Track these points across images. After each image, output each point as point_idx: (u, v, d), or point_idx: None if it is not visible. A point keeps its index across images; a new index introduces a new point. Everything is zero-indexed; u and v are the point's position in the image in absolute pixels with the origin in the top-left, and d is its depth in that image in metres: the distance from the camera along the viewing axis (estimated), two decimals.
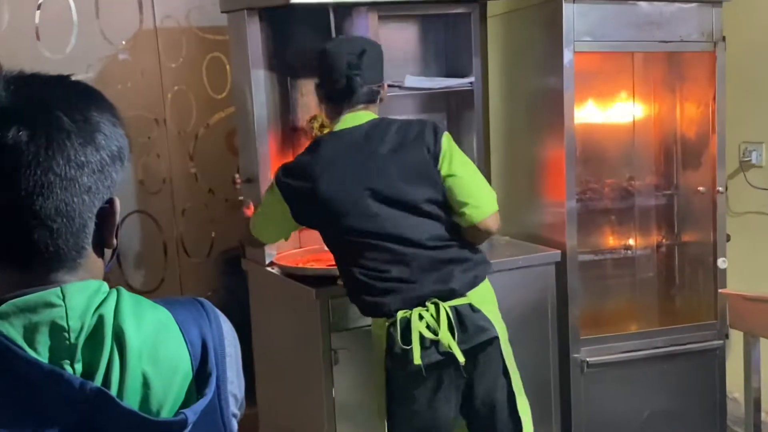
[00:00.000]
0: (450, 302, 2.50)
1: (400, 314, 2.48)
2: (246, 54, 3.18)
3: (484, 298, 2.58)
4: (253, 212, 2.87)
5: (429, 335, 2.45)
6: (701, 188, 3.60)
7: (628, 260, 3.76)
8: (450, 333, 2.46)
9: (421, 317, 2.46)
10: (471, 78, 3.48)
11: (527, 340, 3.18)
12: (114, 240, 1.11)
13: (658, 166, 3.76)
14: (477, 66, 3.49)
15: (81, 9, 3.49)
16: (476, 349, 2.54)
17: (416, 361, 2.43)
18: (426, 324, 2.46)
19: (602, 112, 3.68)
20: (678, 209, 3.75)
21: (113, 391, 1.00)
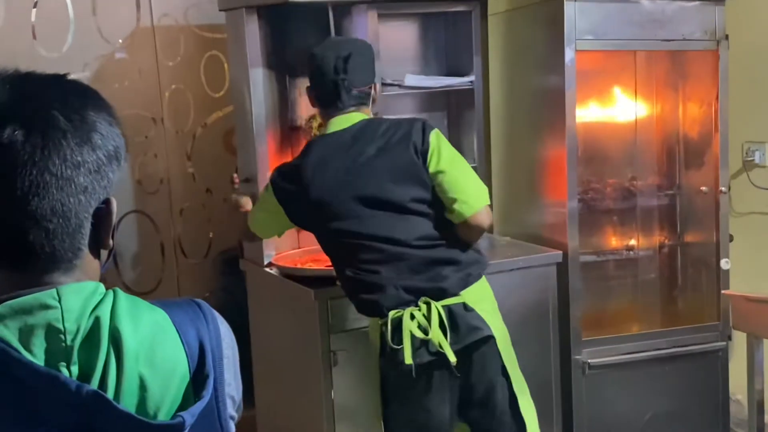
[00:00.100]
0: (443, 302, 2.50)
1: (392, 314, 2.48)
2: (244, 52, 3.18)
3: (479, 298, 2.57)
4: (251, 208, 2.90)
5: (420, 335, 2.45)
6: (704, 188, 3.58)
7: (630, 261, 3.75)
8: (442, 333, 2.46)
9: (413, 317, 2.46)
10: (471, 77, 3.49)
11: (528, 342, 3.17)
12: (110, 241, 1.11)
13: (661, 166, 3.75)
14: (477, 65, 3.50)
15: (77, 7, 3.49)
16: (470, 349, 2.53)
17: (407, 361, 2.43)
18: (417, 324, 2.46)
19: (604, 112, 3.67)
20: (680, 209, 3.74)
21: (110, 394, 0.99)
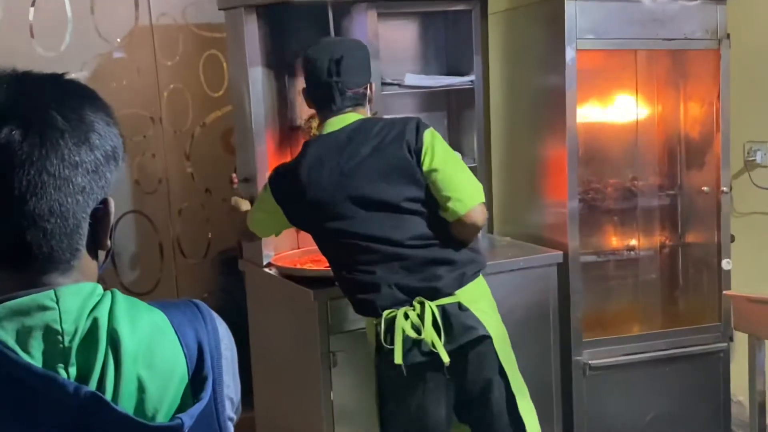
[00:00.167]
0: (437, 301, 2.49)
1: (386, 313, 2.49)
2: (243, 52, 3.17)
3: (475, 297, 2.56)
4: (250, 208, 2.90)
5: (413, 334, 2.45)
6: (705, 188, 3.57)
7: (631, 261, 3.74)
8: (436, 332, 2.46)
9: (407, 316, 2.47)
10: (472, 76, 3.49)
11: (529, 343, 3.17)
12: (108, 241, 1.10)
13: (662, 166, 3.74)
14: (478, 64, 3.50)
15: (76, 6, 3.49)
16: (465, 349, 2.52)
17: (397, 361, 2.43)
18: (411, 323, 2.46)
19: (605, 111, 3.66)
20: (682, 210, 3.73)
21: (108, 396, 0.99)
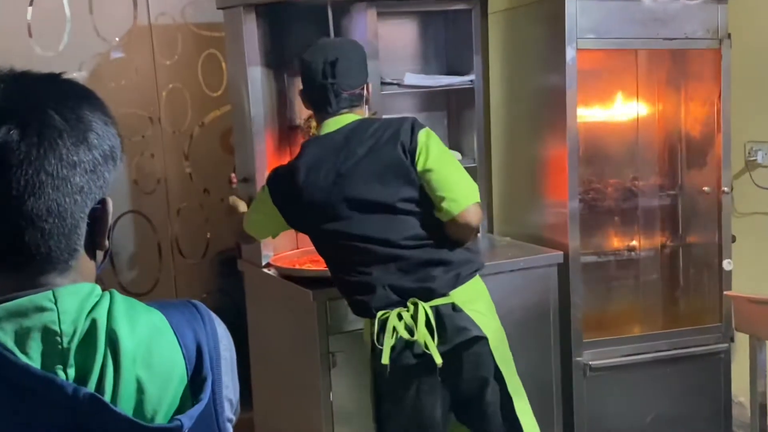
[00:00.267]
0: (431, 302, 2.49)
1: (380, 314, 2.49)
2: (242, 51, 3.16)
3: (471, 298, 2.55)
4: (247, 209, 2.90)
5: (406, 335, 2.45)
6: (706, 188, 3.57)
7: (632, 262, 3.73)
8: (429, 334, 2.45)
9: (401, 317, 2.47)
10: (472, 76, 3.49)
11: (529, 343, 3.17)
12: (106, 242, 1.09)
13: (662, 166, 3.73)
14: (478, 64, 3.50)
15: (74, 5, 3.48)
16: (458, 350, 2.51)
17: (384, 361, 2.44)
18: (404, 324, 2.46)
19: (605, 111, 3.65)
20: (682, 210, 3.72)
21: (107, 397, 0.98)
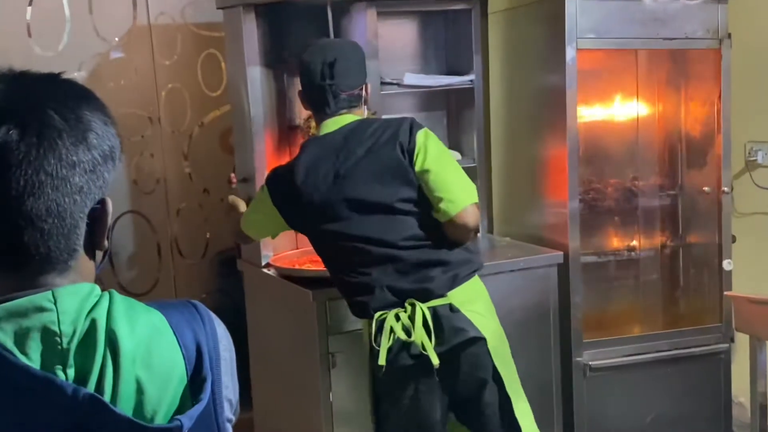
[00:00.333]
0: (428, 303, 2.49)
1: (377, 315, 2.49)
2: (242, 51, 3.16)
3: (469, 298, 2.55)
4: (246, 209, 2.90)
5: (403, 336, 2.44)
6: (706, 188, 3.56)
7: (632, 262, 3.72)
8: (427, 334, 2.45)
9: (398, 318, 2.47)
10: (471, 76, 3.49)
11: (529, 344, 3.16)
12: (106, 242, 1.09)
13: (663, 166, 3.73)
14: (478, 63, 3.49)
15: (74, 5, 3.47)
16: (456, 351, 2.51)
17: (381, 362, 2.44)
18: (402, 325, 2.46)
19: (605, 111, 3.64)
20: (682, 210, 3.72)
21: (106, 397, 0.98)
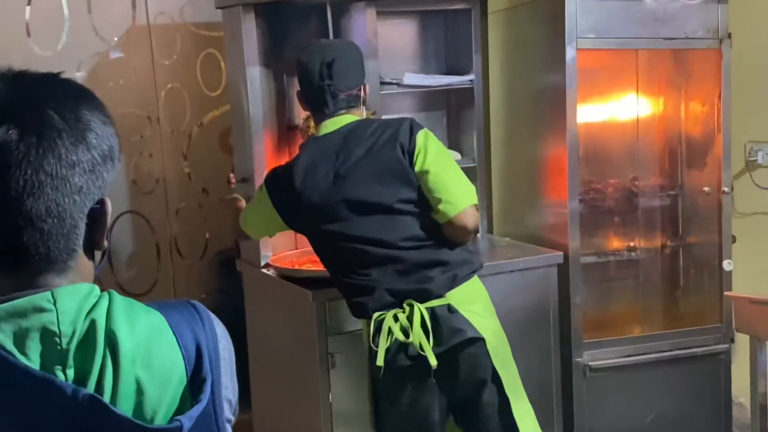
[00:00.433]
0: (427, 303, 2.49)
1: (376, 316, 2.49)
2: (241, 51, 3.16)
3: (468, 299, 2.55)
4: (245, 207, 2.90)
5: (401, 337, 2.44)
6: (706, 188, 3.56)
7: (632, 262, 3.72)
8: (425, 335, 2.45)
9: (396, 319, 2.46)
10: (471, 75, 3.49)
11: (529, 344, 3.16)
12: (105, 242, 1.09)
13: (663, 166, 3.73)
14: (477, 63, 3.49)
15: (73, 5, 3.47)
16: (454, 351, 2.50)
17: (379, 363, 2.44)
18: (400, 326, 2.45)
19: (605, 111, 3.64)
20: (683, 210, 3.72)
21: (106, 398, 0.98)
